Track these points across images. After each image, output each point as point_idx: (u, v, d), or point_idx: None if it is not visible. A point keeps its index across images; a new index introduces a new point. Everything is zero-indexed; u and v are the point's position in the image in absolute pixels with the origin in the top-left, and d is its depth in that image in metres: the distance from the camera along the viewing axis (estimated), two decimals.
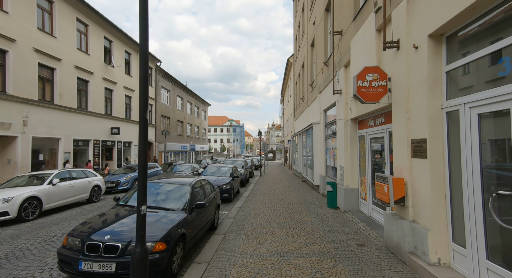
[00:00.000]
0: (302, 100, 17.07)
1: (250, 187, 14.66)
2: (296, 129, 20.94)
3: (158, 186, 5.64)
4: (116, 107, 19.37)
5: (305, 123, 15.74)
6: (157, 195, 5.33)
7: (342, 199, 7.82)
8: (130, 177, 13.32)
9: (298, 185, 14.84)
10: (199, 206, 5.17)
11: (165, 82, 27.68)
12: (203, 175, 11.48)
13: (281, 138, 44.62)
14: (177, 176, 6.86)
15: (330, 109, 10.20)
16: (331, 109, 10.06)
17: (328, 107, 10.29)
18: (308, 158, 14.53)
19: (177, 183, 5.71)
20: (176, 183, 5.68)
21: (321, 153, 11.40)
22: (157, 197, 5.28)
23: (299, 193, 12.07)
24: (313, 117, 13.12)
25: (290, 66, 23.75)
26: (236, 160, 17.59)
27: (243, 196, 11.63)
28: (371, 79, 4.90)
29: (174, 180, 5.94)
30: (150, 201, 5.09)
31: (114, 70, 19.03)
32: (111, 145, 18.85)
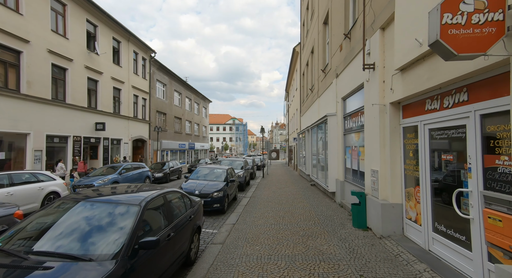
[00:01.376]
0: (311, 91, 14.68)
1: (251, 191, 12.34)
2: (303, 126, 18.55)
3: (73, 211, 3.14)
4: (102, 100, 17.18)
5: (314, 117, 13.37)
6: (65, 228, 2.91)
7: (376, 217, 5.46)
8: (107, 179, 11.09)
9: (306, 190, 12.48)
10: (148, 246, 2.82)
11: (161, 75, 25.46)
12: (190, 179, 9.20)
13: (285, 136, 42.25)
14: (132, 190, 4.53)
15: (352, 96, 7.82)
16: (354, 96, 7.67)
17: (349, 93, 7.91)
18: (320, 158, 12.16)
19: (115, 201, 3.36)
20: (112, 202, 3.33)
21: (338, 152, 9.03)
22: (62, 234, 2.84)
23: (309, 201, 9.71)
24: (326, 108, 10.75)
25: (296, 56, 21.38)
26: (235, 160, 15.28)
27: (241, 204, 9.32)
28: (470, 10, 2.53)
29: (111, 197, 3.48)
30: (44, 242, 2.73)
31: (99, 58, 16.83)
32: (95, 142, 16.67)
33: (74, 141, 14.80)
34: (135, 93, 20.99)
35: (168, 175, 16.31)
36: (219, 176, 9.40)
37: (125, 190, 4.18)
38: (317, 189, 12.50)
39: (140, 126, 21.76)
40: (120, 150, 19.36)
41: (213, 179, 9.20)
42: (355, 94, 7.53)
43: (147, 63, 22.99)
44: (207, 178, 9.29)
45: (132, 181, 12.56)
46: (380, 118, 5.46)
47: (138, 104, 21.61)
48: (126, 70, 19.79)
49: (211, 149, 67.76)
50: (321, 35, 11.84)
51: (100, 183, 10.75)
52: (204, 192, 8.06)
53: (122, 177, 11.90)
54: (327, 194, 10.59)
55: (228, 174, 9.80)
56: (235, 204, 9.83)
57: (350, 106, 8.00)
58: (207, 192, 8.07)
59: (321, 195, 10.99)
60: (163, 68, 25.49)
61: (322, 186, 11.17)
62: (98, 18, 16.73)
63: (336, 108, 9.28)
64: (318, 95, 12.70)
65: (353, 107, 7.64)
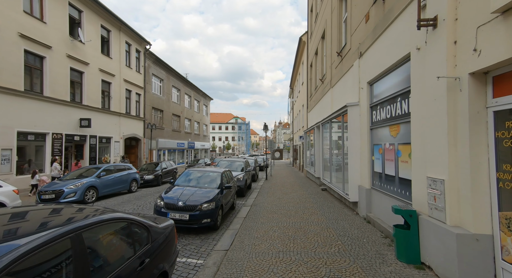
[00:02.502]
0: (321, 82, 12.70)
1: (252, 197, 10.41)
2: (310, 123, 16.57)
3: None
4: (89, 94, 15.35)
5: (326, 111, 11.40)
6: None
7: (441, 251, 3.50)
8: (81, 183, 9.22)
9: (317, 196, 10.50)
10: None
11: (157, 69, 23.62)
12: (176, 185, 7.26)
13: (289, 135, 40.22)
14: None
15: (385, 77, 5.84)
16: (389, 76, 5.69)
17: (380, 74, 5.94)
18: (334, 158, 10.19)
19: None
20: None
21: (362, 152, 7.06)
22: None
23: (324, 212, 7.74)
24: (343, 99, 8.78)
25: (303, 47, 19.40)
26: (234, 161, 13.33)
27: (239, 216, 7.39)
28: None
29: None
30: None
31: (85, 48, 15.01)
32: (81, 140, 14.85)
33: (53, 139, 12.98)
34: (127, 87, 19.16)
35: (159, 177, 14.44)
36: (212, 181, 7.47)
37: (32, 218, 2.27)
38: (330, 196, 10.52)
39: (133, 124, 19.94)
40: (110, 149, 17.53)
41: (204, 185, 7.27)
42: (391, 73, 5.55)
43: (141, 55, 21.14)
44: (197, 184, 7.35)
45: (114, 185, 10.70)
46: (449, 100, 3.49)
47: (131, 99, 19.78)
48: (117, 62, 17.95)
49: (213, 148, 66.00)
50: (336, 13, 9.85)
51: (72, 188, 8.89)
52: (191, 203, 6.14)
53: (102, 181, 10.04)
54: (345, 203, 8.61)
55: (224, 178, 7.87)
56: (232, 214, 7.90)
57: (382, 91, 6.02)
58: (194, 203, 6.14)
59: (336, 203, 9.01)
60: (159, 62, 23.65)
61: (337, 192, 9.19)
62: (83, 3, 14.89)
63: (359, 97, 7.30)
64: (331, 85, 10.72)
65: (387, 92, 5.66)
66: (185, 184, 7.32)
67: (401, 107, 5.04)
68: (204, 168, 8.60)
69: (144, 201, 10.01)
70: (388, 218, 5.56)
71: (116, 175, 10.95)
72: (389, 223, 5.49)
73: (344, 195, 8.11)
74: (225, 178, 8.09)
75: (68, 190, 8.75)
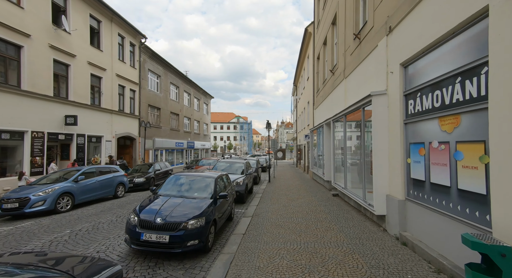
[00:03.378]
0: (331, 73, 11.18)
1: (253, 204, 8.93)
2: (318, 120, 15.05)
3: None
4: (76, 89, 13.96)
5: (338, 105, 9.89)
6: None
7: None
8: (52, 189, 7.79)
9: (329, 204, 8.99)
10: None
11: (154, 65, 22.21)
12: (160, 194, 5.78)
13: (292, 134, 38.68)
14: None
15: (432, 53, 4.31)
16: (439, 50, 4.17)
17: (423, 50, 4.42)
18: (350, 160, 8.68)
19: None
20: None
21: (392, 152, 5.55)
22: None
23: (342, 227, 6.23)
24: (361, 90, 7.27)
25: (308, 39, 17.87)
26: (234, 162, 11.79)
27: (237, 232, 5.91)
28: None
29: None
30: None
31: (71, 38, 13.62)
32: (66, 139, 13.45)
33: (33, 138, 11.58)
34: (121, 83, 17.76)
35: (152, 179, 13.01)
36: (204, 189, 5.99)
37: None
38: (344, 203, 9.01)
39: (127, 122, 18.53)
40: (101, 149, 16.13)
41: (194, 195, 5.79)
42: (443, 45, 4.03)
43: (136, 49, 19.73)
44: (185, 192, 5.87)
45: (95, 191, 9.26)
46: None
47: (125, 96, 18.38)
48: (109, 55, 16.55)
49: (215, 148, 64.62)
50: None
51: (40, 195, 7.45)
52: (173, 219, 4.66)
53: (79, 186, 8.60)
54: (366, 215, 7.09)
55: (219, 184, 6.40)
56: (229, 229, 6.43)
57: (425, 72, 4.50)
58: (177, 219, 4.67)
59: (354, 214, 7.49)
60: (156, 57, 22.23)
61: (355, 200, 7.68)
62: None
63: (387, 84, 5.79)
64: (345, 76, 9.21)
65: (436, 72, 4.15)
66: (171, 192, 5.84)
67: (464, 90, 3.53)
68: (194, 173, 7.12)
69: (128, 209, 8.56)
70: (437, 243, 4.06)
71: (99, 179, 9.51)
72: (440, 250, 3.99)
73: (366, 205, 6.59)
74: (221, 184, 6.61)
75: (35, 197, 7.32)
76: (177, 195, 5.67)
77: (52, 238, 5.50)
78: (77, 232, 5.89)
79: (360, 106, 6.97)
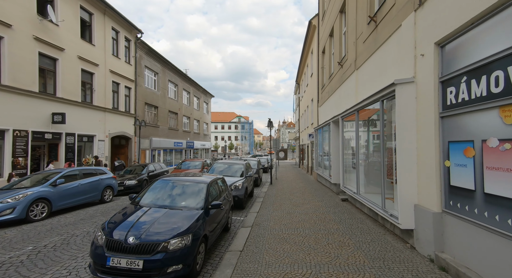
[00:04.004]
0: (340, 66, 10.13)
1: (253, 210, 7.89)
2: (323, 118, 14.00)
3: None
4: (65, 85, 12.98)
5: (347, 100, 8.84)
6: None
7: None
8: (24, 195, 6.78)
9: (339, 211, 7.94)
10: None
11: (151, 61, 21.23)
12: (141, 203, 4.76)
13: (295, 134, 37.62)
14: None
15: (484, 24, 3.28)
16: (494, 20, 3.13)
17: (470, 21, 3.39)
18: (364, 161, 7.62)
19: None
20: None
21: (423, 153, 4.50)
22: None
23: (359, 243, 5.18)
24: (379, 80, 6.23)
25: (312, 32, 16.82)
26: (233, 164, 10.71)
27: (232, 249, 4.86)
28: None
29: None
30: None
31: (59, 30, 12.65)
32: (54, 138, 12.48)
33: (15, 137, 10.61)
34: (115, 80, 16.79)
35: (145, 182, 12.01)
36: (194, 197, 4.96)
37: None
38: (356, 210, 7.96)
39: (122, 121, 17.56)
40: (94, 149, 15.16)
41: (180, 204, 4.75)
42: (503, 12, 2.99)
43: (131, 45, 18.76)
44: (170, 201, 4.84)
45: (78, 195, 8.26)
46: None
47: (119, 93, 17.41)
48: (101, 50, 15.58)
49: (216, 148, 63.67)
50: None
51: (9, 202, 6.46)
52: (149, 238, 3.63)
53: (58, 191, 7.60)
54: (385, 226, 6.04)
55: (212, 192, 5.37)
56: (224, 243, 5.40)
57: (476, 49, 3.44)
58: (154, 238, 3.63)
59: (370, 224, 6.44)
60: (153, 53, 21.24)
61: (370, 207, 6.62)
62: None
63: (415, 70, 4.75)
64: (356, 67, 8.16)
65: (499, 45, 3.09)
66: (153, 201, 4.81)
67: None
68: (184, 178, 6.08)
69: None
70: (498, 274, 3.01)
71: (82, 182, 8.51)
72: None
73: (386, 215, 5.54)
74: (214, 190, 5.59)
75: (2, 205, 6.33)
76: (160, 205, 4.64)
77: (5, 258, 4.48)
78: (41, 249, 4.87)
79: (378, 99, 5.92)
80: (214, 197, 5.38)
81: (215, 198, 5.37)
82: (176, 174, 6.23)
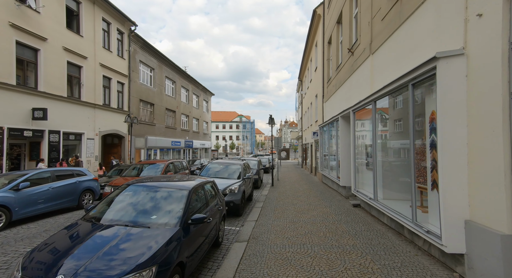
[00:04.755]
0: (351, 53, 8.87)
1: (251, 220, 6.66)
2: (329, 114, 12.75)
3: None
4: (48, 78, 11.84)
5: (360, 91, 7.58)
6: None
7: None
8: None
9: (352, 219, 6.69)
10: None
11: (146, 56, 20.08)
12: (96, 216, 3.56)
13: (297, 133, 36.36)
14: None
15: None
16: None
17: None
18: (381, 161, 6.37)
19: None
20: None
21: (478, 152, 3.26)
22: None
23: (387, 269, 3.93)
24: (406, 61, 4.96)
25: (317, 22, 15.55)
26: (229, 164, 9.37)
27: (220, 276, 3.68)
28: None
29: None
30: None
31: (41, 19, 11.50)
32: (35, 136, 11.34)
33: None
34: (106, 74, 15.63)
35: None
36: (168, 208, 3.73)
37: None
38: (372, 219, 6.70)
39: (114, 118, 16.41)
40: (82, 148, 14.02)
41: (148, 220, 3.50)
42: None
43: (125, 38, 17.60)
44: (136, 215, 3.60)
45: (48, 201, 7.07)
46: None
47: (111, 89, 16.26)
48: (91, 42, 14.43)
49: (217, 147, 62.56)
50: None
51: None
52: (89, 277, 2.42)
53: (21, 196, 6.40)
54: (416, 243, 4.77)
55: (196, 199, 4.14)
56: (211, 266, 4.16)
57: None
58: (97, 277, 2.43)
59: (395, 240, 5.18)
60: (148, 47, 20.08)
61: (394, 218, 5.36)
62: None
63: (465, 39, 3.49)
64: (372, 51, 6.90)
65: None
66: (113, 214, 3.59)
67: None
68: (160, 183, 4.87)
69: None
70: None
71: (54, 185, 7.31)
72: None
73: (421, 232, 4.27)
74: (199, 199, 4.37)
75: None
76: (122, 221, 3.42)
77: None
78: None
79: (406, 83, 4.67)
80: (199, 208, 4.16)
81: (199, 209, 4.15)
82: (153, 178, 4.99)
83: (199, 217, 3.61)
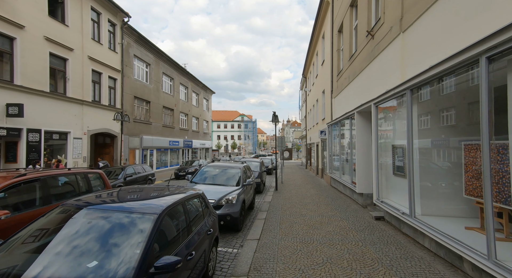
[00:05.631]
0: (371, 37, 7.41)
1: (251, 239, 5.27)
2: (340, 111, 11.30)
3: None
4: (26, 71, 10.51)
5: (382, 82, 6.15)
6: None
7: None
8: None
9: (380, 240, 5.27)
10: None
11: (141, 50, 18.73)
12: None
13: (301, 132, 34.91)
14: None
15: None
16: None
17: None
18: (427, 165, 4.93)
19: None
20: None
21: None
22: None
23: None
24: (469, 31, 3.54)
25: (325, 10, 14.07)
26: (228, 168, 7.88)
27: None
28: None
29: None
30: None
31: (19, 5, 10.18)
32: (10, 135, 10.02)
33: None
34: (95, 68, 14.30)
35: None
36: (119, 249, 2.35)
37: None
38: (405, 239, 5.26)
39: (105, 116, 15.08)
40: (68, 148, 12.69)
41: (79, 273, 2.13)
42: None
43: (117, 30, 16.26)
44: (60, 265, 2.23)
45: None
46: None
47: (101, 84, 14.93)
48: (78, 32, 13.10)
49: (218, 147, 61.24)
50: None
51: None
52: None
53: None
54: None
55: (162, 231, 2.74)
56: None
57: None
58: None
59: (449, 275, 3.76)
60: (143, 41, 18.73)
61: (445, 245, 3.93)
62: None
63: None
64: (403, 28, 5.46)
65: None
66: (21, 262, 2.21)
67: None
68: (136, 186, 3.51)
69: None
70: None
71: None
72: None
73: (501, 273, 2.85)
74: (177, 224, 2.97)
75: None
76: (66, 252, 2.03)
77: None
78: None
79: (476, 55, 3.24)
80: (174, 239, 2.76)
81: (175, 242, 2.75)
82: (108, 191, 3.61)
83: (168, 262, 2.21)
